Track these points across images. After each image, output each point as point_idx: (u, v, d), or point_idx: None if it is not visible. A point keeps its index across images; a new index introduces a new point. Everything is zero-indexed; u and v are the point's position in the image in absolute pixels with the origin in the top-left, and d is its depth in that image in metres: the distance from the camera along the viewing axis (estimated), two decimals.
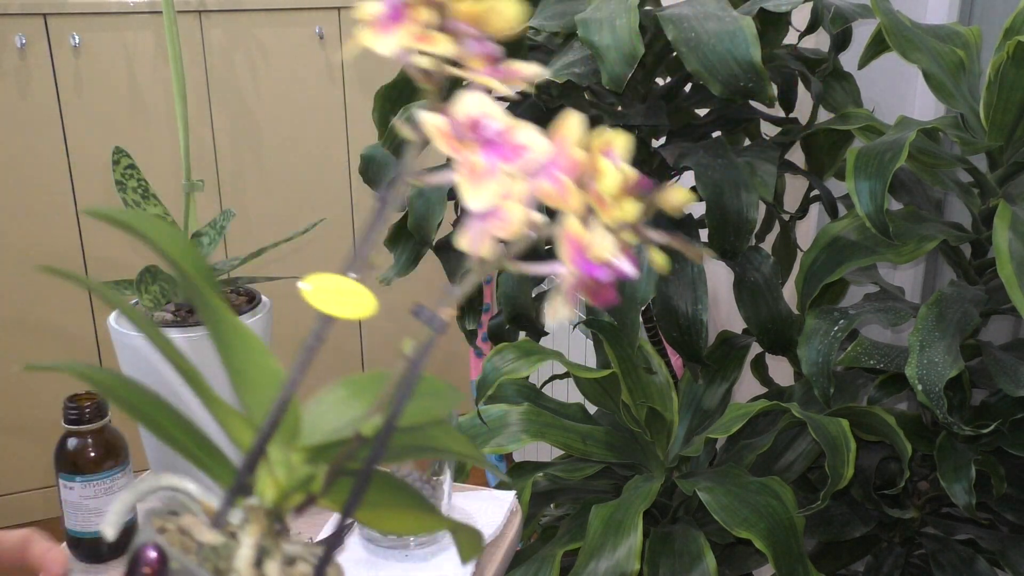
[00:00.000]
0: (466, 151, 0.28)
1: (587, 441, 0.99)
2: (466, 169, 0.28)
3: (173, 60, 0.82)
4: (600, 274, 0.28)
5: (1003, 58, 0.82)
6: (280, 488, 0.32)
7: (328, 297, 0.29)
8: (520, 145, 0.28)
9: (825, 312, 0.90)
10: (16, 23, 2.00)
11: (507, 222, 0.28)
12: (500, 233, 0.29)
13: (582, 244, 0.28)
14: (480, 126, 0.28)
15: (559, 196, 0.28)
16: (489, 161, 0.28)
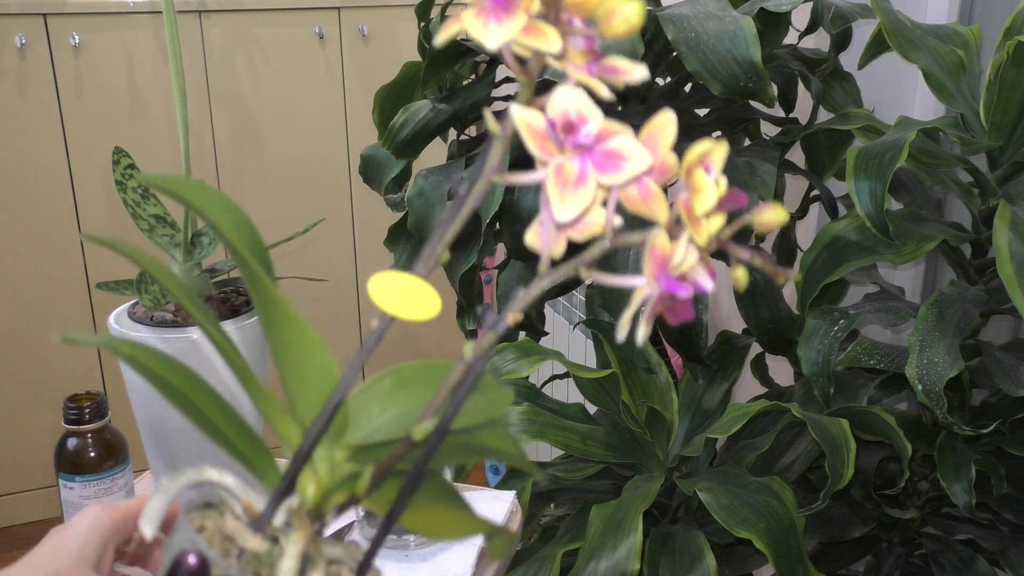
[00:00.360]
0: (559, 155, 0.26)
1: (587, 441, 0.99)
2: (557, 176, 0.26)
3: (173, 60, 0.82)
4: (681, 291, 0.26)
5: (1003, 58, 0.82)
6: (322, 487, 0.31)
7: (393, 296, 0.28)
8: (616, 153, 0.26)
9: (825, 312, 0.90)
10: (16, 23, 2.01)
11: (586, 224, 0.27)
12: (576, 236, 0.27)
13: (666, 258, 0.26)
14: (576, 129, 0.26)
15: (647, 204, 0.27)
16: (583, 168, 0.26)
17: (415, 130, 1.09)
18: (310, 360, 0.31)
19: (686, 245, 0.26)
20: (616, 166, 0.26)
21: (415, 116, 1.09)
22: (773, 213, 0.27)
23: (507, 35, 0.25)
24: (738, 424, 0.89)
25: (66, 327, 2.21)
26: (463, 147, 1.18)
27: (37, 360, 2.21)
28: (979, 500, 0.85)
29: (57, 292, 2.18)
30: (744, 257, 0.27)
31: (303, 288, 2.28)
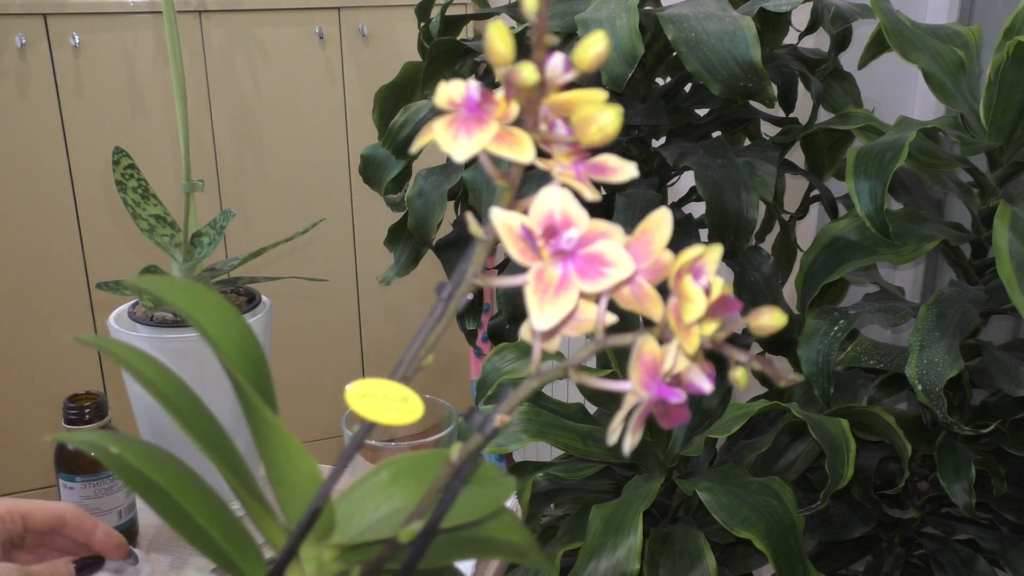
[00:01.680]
0: (540, 262, 0.25)
1: (587, 441, 0.99)
2: (538, 282, 0.25)
3: (173, 60, 0.82)
4: (674, 397, 0.25)
5: (1003, 58, 0.82)
6: None
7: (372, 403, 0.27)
8: (600, 257, 0.25)
9: (825, 312, 0.90)
10: (16, 23, 2.01)
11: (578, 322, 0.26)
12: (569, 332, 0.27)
13: (656, 364, 0.25)
14: (558, 233, 0.25)
15: (640, 303, 0.26)
16: (565, 274, 0.25)
17: (415, 130, 1.09)
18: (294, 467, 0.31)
19: (677, 350, 0.25)
20: (599, 272, 0.25)
21: (415, 116, 1.09)
22: (770, 318, 0.26)
23: (476, 147, 0.24)
24: (738, 424, 0.89)
25: (66, 327, 2.21)
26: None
27: (37, 360, 2.21)
28: (979, 500, 0.85)
29: (57, 292, 2.18)
30: (742, 360, 0.26)
31: (303, 288, 2.28)
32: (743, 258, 0.98)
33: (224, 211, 0.89)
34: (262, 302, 0.87)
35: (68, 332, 2.21)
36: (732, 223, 0.89)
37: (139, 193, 0.87)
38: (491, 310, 2.23)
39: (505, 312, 1.07)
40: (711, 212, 0.89)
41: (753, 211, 0.89)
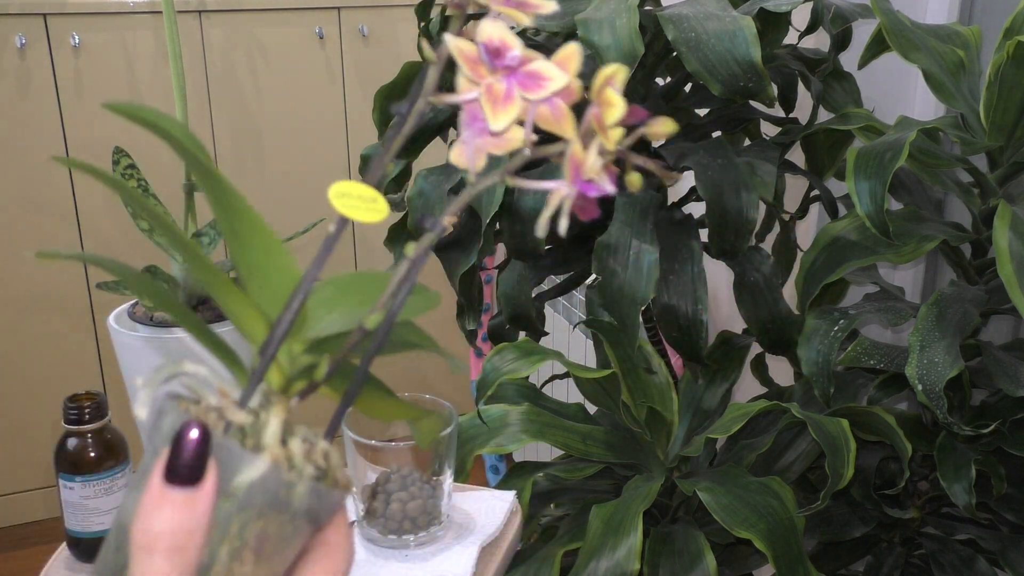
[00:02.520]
0: (489, 77, 0.30)
1: (587, 441, 0.99)
2: (488, 94, 0.30)
3: (173, 60, 0.82)
4: (592, 191, 0.31)
5: (1003, 58, 0.82)
6: (284, 375, 0.35)
7: (349, 202, 0.32)
8: (538, 74, 0.30)
9: (825, 312, 0.90)
10: (16, 23, 2.01)
11: (505, 141, 0.31)
12: (496, 150, 0.32)
13: (580, 164, 0.31)
14: (502, 54, 0.30)
15: (558, 122, 0.31)
16: (509, 87, 0.30)
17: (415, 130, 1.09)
18: (270, 260, 0.35)
19: (595, 153, 0.31)
20: (539, 84, 0.30)
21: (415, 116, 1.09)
22: (664, 124, 0.32)
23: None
24: (738, 424, 0.89)
25: (66, 327, 2.21)
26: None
27: (37, 360, 2.21)
28: (979, 500, 0.85)
29: (57, 292, 2.18)
30: (638, 162, 0.32)
31: None
32: (743, 258, 0.98)
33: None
34: None
35: (68, 332, 2.21)
36: (732, 223, 0.89)
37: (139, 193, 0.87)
38: (491, 310, 2.23)
39: (505, 312, 1.07)
40: (711, 212, 0.89)
41: (753, 211, 0.89)
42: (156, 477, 0.32)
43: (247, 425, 0.34)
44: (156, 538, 0.31)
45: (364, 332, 0.33)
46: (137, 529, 0.31)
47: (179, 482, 0.31)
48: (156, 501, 0.31)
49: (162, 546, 0.31)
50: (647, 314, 1.16)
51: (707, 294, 0.93)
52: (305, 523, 0.34)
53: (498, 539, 0.79)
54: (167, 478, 0.31)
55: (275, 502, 0.32)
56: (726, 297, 1.53)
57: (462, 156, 0.32)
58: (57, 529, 0.76)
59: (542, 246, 0.93)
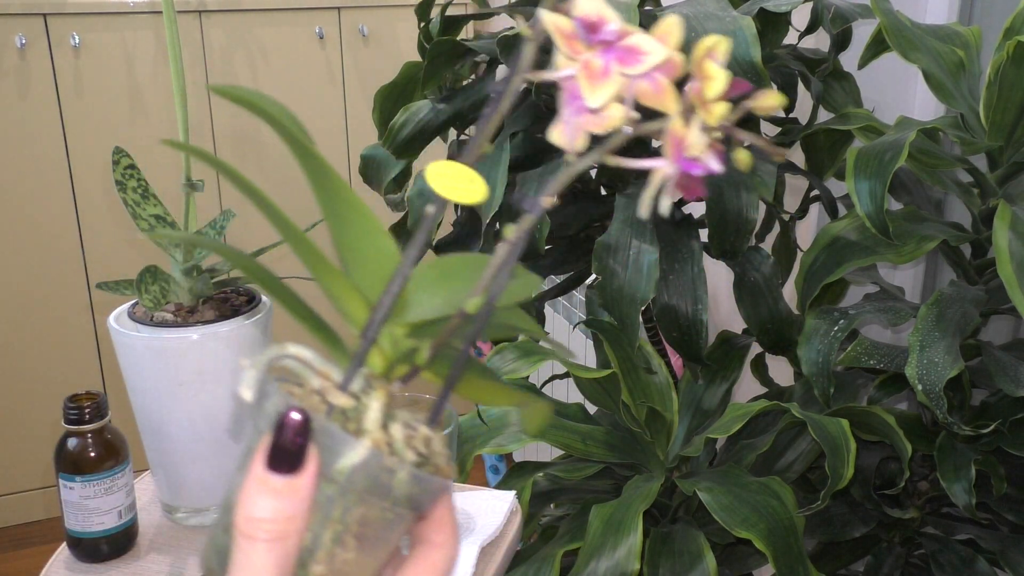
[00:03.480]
0: (585, 52, 0.30)
1: (587, 441, 0.99)
2: (586, 70, 0.30)
3: (173, 60, 0.82)
4: (696, 169, 0.30)
5: (1003, 58, 0.82)
6: (387, 359, 0.35)
7: (447, 182, 0.31)
8: (636, 48, 0.29)
9: (825, 312, 0.90)
10: (16, 23, 2.01)
11: (605, 118, 0.30)
12: (596, 129, 0.31)
13: (681, 140, 0.30)
14: (599, 28, 0.29)
15: (658, 97, 0.30)
16: (607, 62, 0.30)
17: (415, 130, 1.09)
18: (371, 243, 0.35)
19: (698, 129, 0.30)
20: (636, 59, 0.29)
21: (415, 116, 1.09)
22: (770, 98, 0.31)
23: None
24: (738, 424, 0.89)
25: (66, 327, 2.21)
26: (463, 147, 1.18)
27: (37, 360, 2.21)
28: (979, 500, 0.85)
29: (57, 292, 2.18)
30: (745, 139, 0.31)
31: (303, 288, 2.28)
32: (743, 258, 0.98)
33: (224, 211, 0.89)
34: (262, 302, 0.87)
35: (68, 332, 2.21)
36: (732, 223, 0.89)
37: (139, 193, 0.87)
38: None
39: None
40: (711, 212, 0.89)
41: (753, 211, 0.89)
42: (258, 463, 0.32)
43: (349, 409, 0.34)
44: (257, 525, 0.31)
45: (465, 316, 0.33)
46: (239, 515, 0.32)
47: (280, 468, 0.31)
48: (257, 487, 0.31)
49: (263, 534, 0.31)
50: (647, 314, 1.16)
51: (707, 294, 0.93)
52: (407, 510, 0.34)
53: (498, 539, 0.79)
54: (269, 464, 0.31)
55: (376, 488, 0.32)
56: (726, 297, 1.53)
57: (562, 135, 0.31)
58: (57, 529, 0.76)
59: (542, 246, 0.93)
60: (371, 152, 1.20)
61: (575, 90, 0.30)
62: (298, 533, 0.32)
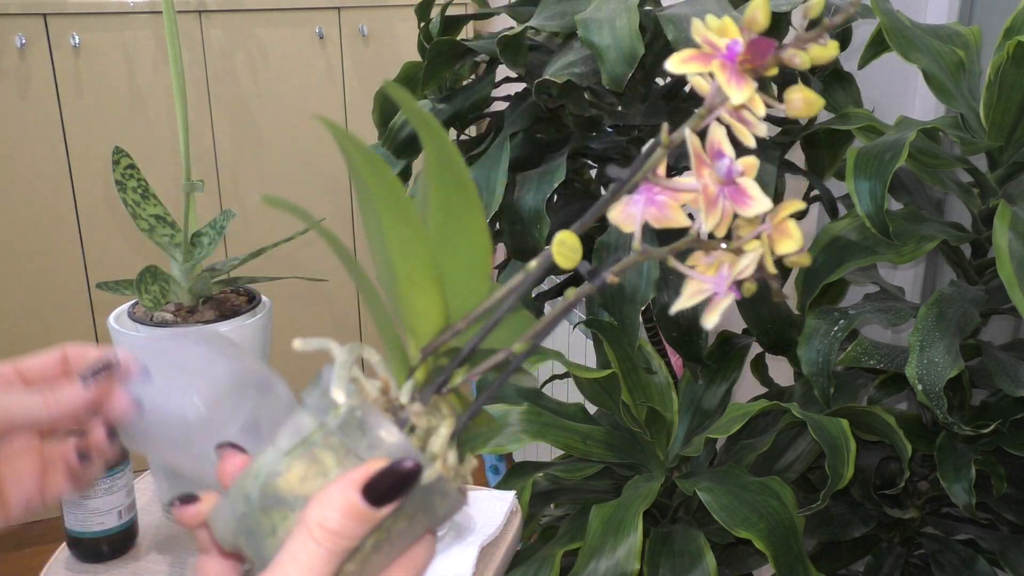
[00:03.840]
0: (708, 176, 0.33)
1: (587, 441, 0.99)
2: (704, 192, 0.33)
3: (173, 60, 0.82)
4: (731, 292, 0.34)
5: (1003, 58, 0.82)
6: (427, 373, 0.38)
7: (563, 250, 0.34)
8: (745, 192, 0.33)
9: (825, 312, 0.90)
10: (16, 23, 2.01)
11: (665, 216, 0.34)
12: (656, 223, 0.34)
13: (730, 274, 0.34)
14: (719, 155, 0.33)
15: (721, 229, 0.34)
16: (720, 194, 0.33)
17: (415, 130, 1.09)
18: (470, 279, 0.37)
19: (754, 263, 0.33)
20: (744, 202, 0.33)
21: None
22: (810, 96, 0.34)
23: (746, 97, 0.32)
24: (738, 424, 0.89)
25: (66, 327, 2.21)
26: (463, 147, 1.18)
27: None
28: (979, 500, 0.85)
29: (57, 292, 2.18)
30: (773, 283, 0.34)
31: (303, 288, 2.28)
32: None
33: (224, 211, 0.89)
34: (262, 302, 0.87)
35: (68, 332, 2.21)
36: None
37: (139, 193, 0.87)
38: None
39: None
40: None
41: None
42: (355, 482, 0.33)
43: (422, 428, 0.36)
44: (326, 534, 0.33)
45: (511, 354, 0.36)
46: (313, 515, 0.33)
47: (370, 498, 0.33)
48: (342, 502, 0.33)
49: (328, 543, 0.33)
50: (647, 314, 1.16)
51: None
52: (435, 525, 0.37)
53: (498, 539, 0.79)
54: (365, 488, 0.33)
55: (427, 507, 0.35)
56: None
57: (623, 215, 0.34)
58: (57, 529, 0.76)
59: (542, 246, 0.93)
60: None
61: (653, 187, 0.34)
62: (350, 552, 0.34)
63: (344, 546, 0.34)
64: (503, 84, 1.16)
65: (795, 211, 0.34)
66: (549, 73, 0.91)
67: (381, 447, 0.34)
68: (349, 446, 0.34)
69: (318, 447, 0.35)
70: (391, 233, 0.35)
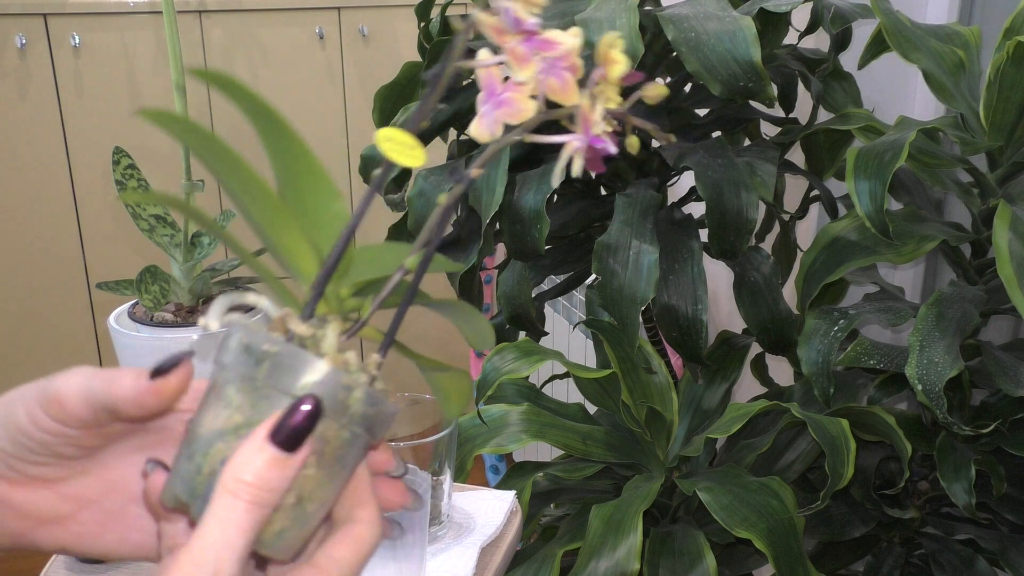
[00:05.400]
0: (511, 40, 0.36)
1: (587, 441, 0.99)
2: (512, 54, 0.36)
3: (173, 60, 0.82)
4: (597, 144, 0.37)
5: (1003, 58, 0.82)
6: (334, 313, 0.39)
7: (394, 147, 0.36)
8: (552, 40, 0.36)
9: (825, 312, 0.90)
10: (16, 23, 2.01)
11: (520, 111, 0.37)
12: (511, 119, 0.36)
13: (588, 119, 0.37)
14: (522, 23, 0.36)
15: (564, 91, 0.37)
16: (529, 48, 0.36)
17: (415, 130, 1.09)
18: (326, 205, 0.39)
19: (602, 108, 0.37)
20: (553, 47, 0.36)
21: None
22: (657, 88, 0.39)
23: None
24: (738, 424, 0.89)
25: (66, 327, 2.21)
26: (463, 147, 1.18)
27: (37, 360, 2.21)
28: (979, 500, 0.85)
29: (57, 292, 2.18)
30: (638, 124, 0.38)
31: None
32: (743, 258, 0.98)
33: (224, 211, 0.89)
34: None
35: (68, 332, 2.21)
36: (732, 223, 0.89)
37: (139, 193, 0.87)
38: (491, 310, 2.23)
39: (505, 312, 1.07)
40: (711, 212, 0.89)
41: (753, 211, 0.89)
42: (261, 432, 0.34)
43: (307, 338, 0.37)
44: (244, 488, 0.33)
45: (404, 271, 0.38)
46: (229, 472, 0.34)
47: (280, 444, 0.34)
48: (254, 453, 0.34)
49: (247, 496, 0.33)
50: (647, 314, 1.16)
51: (707, 294, 0.93)
52: (361, 431, 0.36)
53: (498, 539, 0.79)
54: (271, 436, 0.34)
55: (334, 405, 0.35)
56: (726, 297, 1.53)
57: (482, 127, 0.37)
58: None
59: (542, 246, 0.93)
60: (371, 152, 1.20)
61: (493, 86, 0.37)
62: (275, 503, 0.34)
63: (263, 497, 0.33)
64: None
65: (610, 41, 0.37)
66: None
67: (269, 360, 0.35)
68: (246, 375, 0.35)
69: (222, 386, 0.36)
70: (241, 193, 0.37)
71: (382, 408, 0.37)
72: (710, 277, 0.96)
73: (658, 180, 1.06)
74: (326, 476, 0.36)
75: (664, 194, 1.09)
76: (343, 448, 0.36)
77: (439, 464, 0.75)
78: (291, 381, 0.35)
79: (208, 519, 0.33)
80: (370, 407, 0.36)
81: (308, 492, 0.35)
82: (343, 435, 0.36)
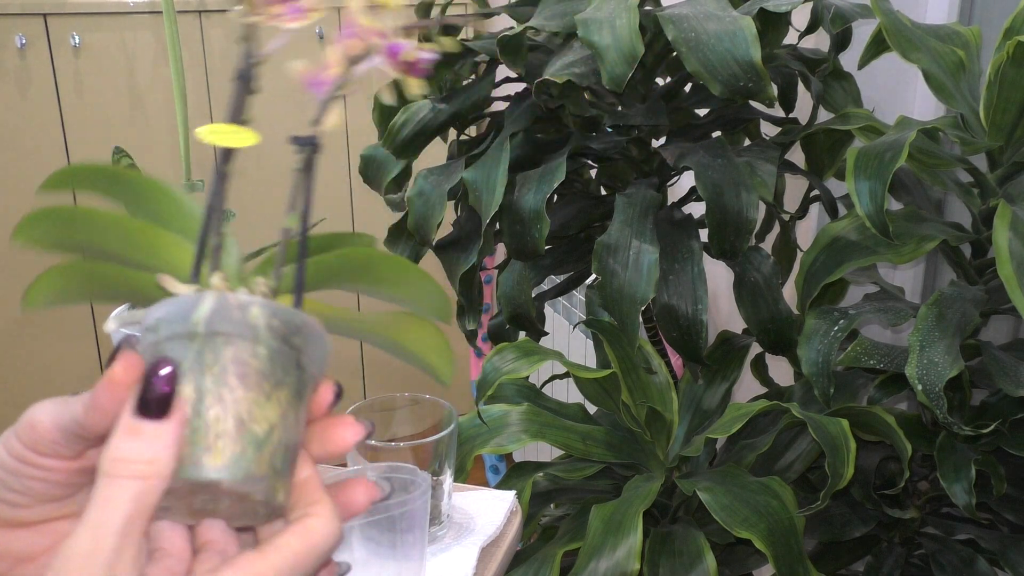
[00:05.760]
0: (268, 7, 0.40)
1: (587, 441, 0.99)
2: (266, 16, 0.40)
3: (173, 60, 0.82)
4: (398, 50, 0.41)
5: (1003, 58, 0.82)
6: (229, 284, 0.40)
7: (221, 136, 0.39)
8: None
9: (825, 312, 0.90)
10: (16, 23, 2.01)
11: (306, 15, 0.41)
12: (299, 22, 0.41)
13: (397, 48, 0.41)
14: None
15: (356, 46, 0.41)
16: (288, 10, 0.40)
17: (415, 130, 1.09)
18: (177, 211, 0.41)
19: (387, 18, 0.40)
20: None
21: (415, 116, 1.09)
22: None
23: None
24: (738, 424, 0.89)
25: (66, 327, 2.21)
26: (463, 147, 1.18)
27: (37, 360, 2.21)
28: (979, 500, 0.85)
29: None
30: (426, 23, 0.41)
31: None
32: (743, 258, 0.98)
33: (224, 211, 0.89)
34: None
35: (68, 332, 2.21)
36: (732, 223, 0.89)
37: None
38: (491, 310, 2.23)
39: (505, 312, 1.07)
40: (711, 212, 0.89)
41: (753, 211, 0.89)
42: (126, 409, 0.33)
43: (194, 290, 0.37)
44: (121, 465, 0.33)
45: (288, 231, 0.40)
46: (103, 457, 0.33)
47: (148, 415, 0.33)
48: (124, 431, 0.33)
49: (125, 472, 0.32)
50: (647, 314, 1.16)
51: (707, 294, 0.93)
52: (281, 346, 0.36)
53: (498, 539, 0.79)
54: (137, 410, 0.33)
55: (237, 326, 0.35)
56: (726, 297, 1.53)
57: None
58: None
59: (542, 246, 0.93)
60: (371, 152, 1.20)
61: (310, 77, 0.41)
62: (159, 477, 0.33)
63: (142, 472, 0.32)
64: (503, 84, 1.16)
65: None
66: (549, 73, 0.91)
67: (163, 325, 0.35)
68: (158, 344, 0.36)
69: None
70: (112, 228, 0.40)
71: (291, 318, 0.37)
72: (710, 277, 0.96)
73: (658, 180, 1.06)
74: (262, 395, 0.35)
75: (664, 194, 1.10)
76: (268, 364, 0.35)
77: (439, 464, 0.75)
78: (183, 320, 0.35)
79: (89, 505, 0.33)
80: (275, 318, 0.36)
81: (246, 413, 0.34)
82: (259, 351, 0.35)
